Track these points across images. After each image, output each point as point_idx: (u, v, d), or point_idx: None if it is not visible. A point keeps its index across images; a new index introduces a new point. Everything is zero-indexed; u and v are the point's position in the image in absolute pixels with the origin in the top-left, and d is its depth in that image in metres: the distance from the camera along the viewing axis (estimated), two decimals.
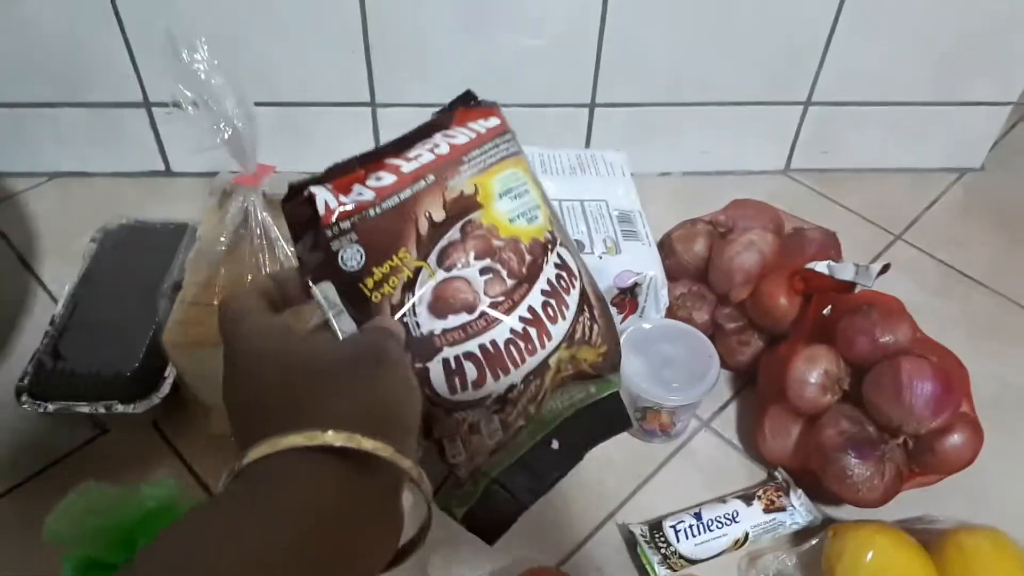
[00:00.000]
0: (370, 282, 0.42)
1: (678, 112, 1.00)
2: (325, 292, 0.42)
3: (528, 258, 0.46)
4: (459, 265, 0.44)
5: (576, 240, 0.78)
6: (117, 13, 0.86)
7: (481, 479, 0.46)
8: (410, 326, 0.42)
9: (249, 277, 0.66)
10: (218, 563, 0.29)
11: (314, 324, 0.42)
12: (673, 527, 0.67)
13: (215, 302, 0.66)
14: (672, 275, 0.81)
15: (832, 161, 1.07)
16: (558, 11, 0.90)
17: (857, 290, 0.71)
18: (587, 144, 1.02)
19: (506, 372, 0.44)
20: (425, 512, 0.38)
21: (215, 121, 0.60)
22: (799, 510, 0.69)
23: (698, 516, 0.68)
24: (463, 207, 0.45)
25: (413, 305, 0.42)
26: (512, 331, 0.45)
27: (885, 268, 0.69)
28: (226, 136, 0.61)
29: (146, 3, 0.86)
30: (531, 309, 0.46)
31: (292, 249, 0.46)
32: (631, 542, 0.68)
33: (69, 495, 0.51)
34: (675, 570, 0.66)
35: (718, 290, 0.80)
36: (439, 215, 0.44)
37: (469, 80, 0.93)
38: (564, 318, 0.47)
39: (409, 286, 0.42)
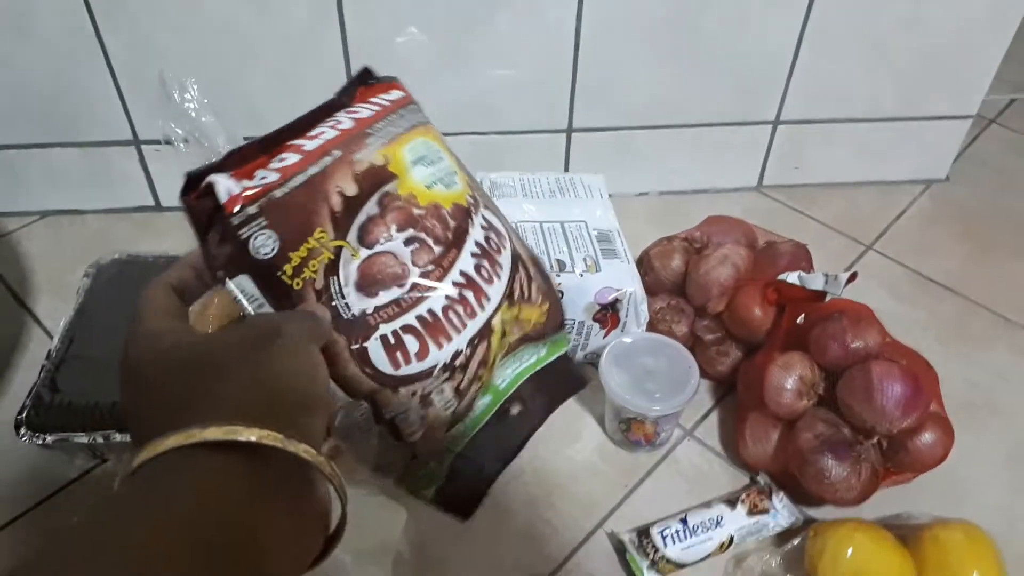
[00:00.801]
0: (288, 268, 0.39)
1: (653, 134, 1.03)
2: (242, 285, 0.40)
3: (452, 223, 0.45)
4: (382, 240, 0.42)
5: (558, 260, 0.81)
6: (106, 54, 0.89)
7: (446, 456, 0.46)
8: (339, 308, 0.40)
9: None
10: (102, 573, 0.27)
11: (227, 320, 0.41)
12: (660, 532, 0.69)
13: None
14: (651, 290, 0.84)
15: (803, 177, 1.11)
16: (532, 41, 0.94)
17: (828, 299, 0.74)
18: (566, 167, 1.06)
19: (448, 339, 0.43)
20: (339, 505, 0.35)
21: (206, 157, 0.63)
22: (781, 512, 0.72)
23: (684, 521, 0.70)
24: (376, 179, 0.43)
25: (340, 287, 0.40)
26: (448, 297, 0.43)
27: (852, 277, 0.72)
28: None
29: (134, 45, 0.89)
30: (463, 273, 0.44)
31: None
32: (620, 549, 0.70)
33: None
34: (663, 574, 0.68)
35: (695, 303, 0.83)
36: (352, 189, 0.42)
37: (448, 110, 0.98)
38: (499, 278, 0.46)
39: (332, 268, 0.40)
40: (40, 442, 0.71)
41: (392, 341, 0.42)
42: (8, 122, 0.94)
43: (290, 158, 0.42)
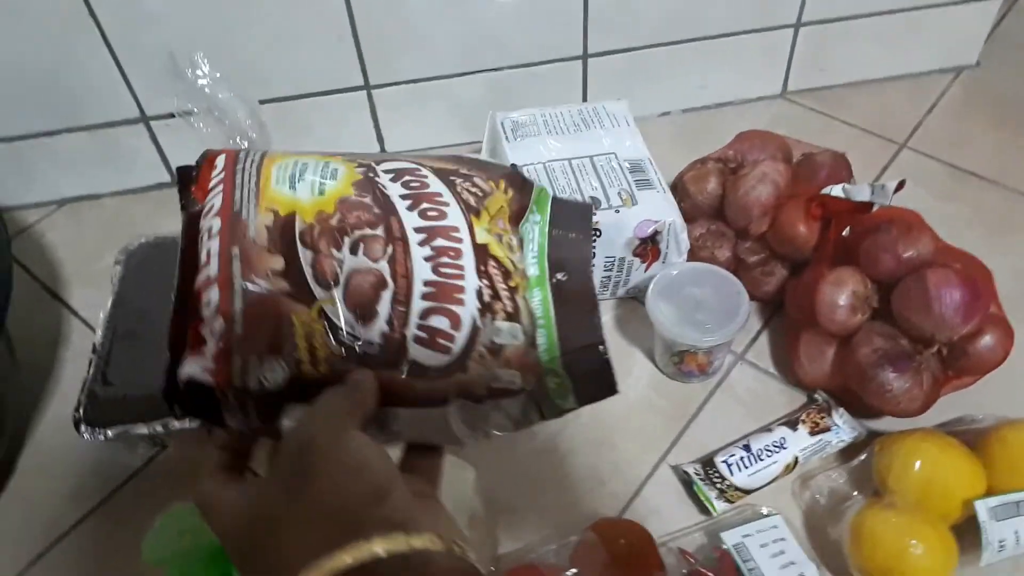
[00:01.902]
0: (305, 368, 0.38)
1: (671, 51, 0.99)
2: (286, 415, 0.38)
3: (367, 199, 0.42)
4: (338, 270, 0.40)
5: (591, 197, 0.79)
6: (101, 30, 0.86)
7: (551, 370, 0.43)
8: (366, 350, 0.39)
9: None
10: None
11: None
12: (725, 461, 0.70)
13: None
14: (688, 217, 0.82)
15: (828, 78, 1.07)
16: None
17: (874, 209, 0.72)
18: (584, 97, 1.02)
19: (460, 290, 0.41)
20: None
21: (229, 135, 0.61)
22: (843, 428, 0.72)
23: (747, 448, 0.70)
24: (283, 233, 0.40)
25: (349, 335, 0.39)
26: (425, 259, 0.41)
27: (900, 184, 0.70)
28: (242, 148, 0.61)
29: (129, 19, 0.85)
30: (417, 229, 0.42)
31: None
32: (686, 481, 0.71)
33: (159, 517, 0.53)
34: (732, 502, 0.69)
35: (736, 226, 0.81)
36: (278, 263, 0.39)
37: (458, 48, 0.94)
38: (445, 202, 0.43)
39: (333, 328, 0.39)
40: (102, 438, 0.71)
41: (426, 336, 0.40)
42: (10, 112, 0.92)
43: (212, 295, 0.39)
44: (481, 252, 0.42)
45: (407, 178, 0.44)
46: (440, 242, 0.41)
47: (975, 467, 0.65)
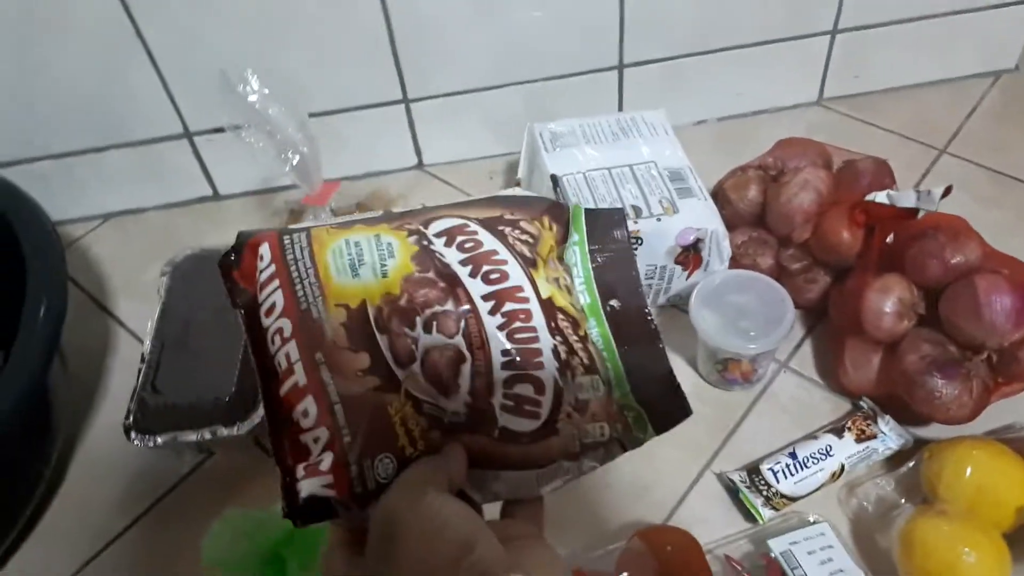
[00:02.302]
0: (410, 454, 0.38)
1: (707, 60, 1.00)
2: None
3: (428, 273, 0.42)
4: (413, 348, 0.40)
5: (632, 205, 0.79)
6: (148, 51, 0.88)
7: (628, 406, 0.43)
8: (454, 421, 0.39)
9: None
10: None
11: None
12: (771, 469, 0.69)
13: None
14: (730, 224, 0.82)
15: (865, 85, 1.06)
16: None
17: (920, 215, 0.71)
18: (619, 107, 1.03)
19: (539, 353, 0.41)
20: None
21: (280, 150, 0.62)
22: (890, 435, 0.71)
23: (793, 455, 0.70)
24: (357, 323, 0.40)
25: (436, 411, 0.39)
26: (499, 327, 0.41)
27: (948, 190, 0.70)
28: (293, 163, 0.62)
29: (174, 36, 0.87)
30: (484, 296, 0.42)
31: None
32: (731, 489, 0.70)
33: (216, 523, 0.54)
34: (778, 509, 0.68)
35: (778, 233, 0.81)
36: (364, 361, 0.39)
37: (493, 61, 0.95)
38: (503, 260, 0.43)
39: (418, 407, 0.39)
40: (151, 444, 0.72)
41: (512, 403, 0.40)
42: (59, 129, 0.94)
43: (308, 406, 0.39)
44: (548, 307, 0.42)
45: (459, 239, 0.43)
46: (509, 306, 0.41)
47: None
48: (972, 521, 0.62)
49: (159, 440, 0.72)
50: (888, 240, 0.75)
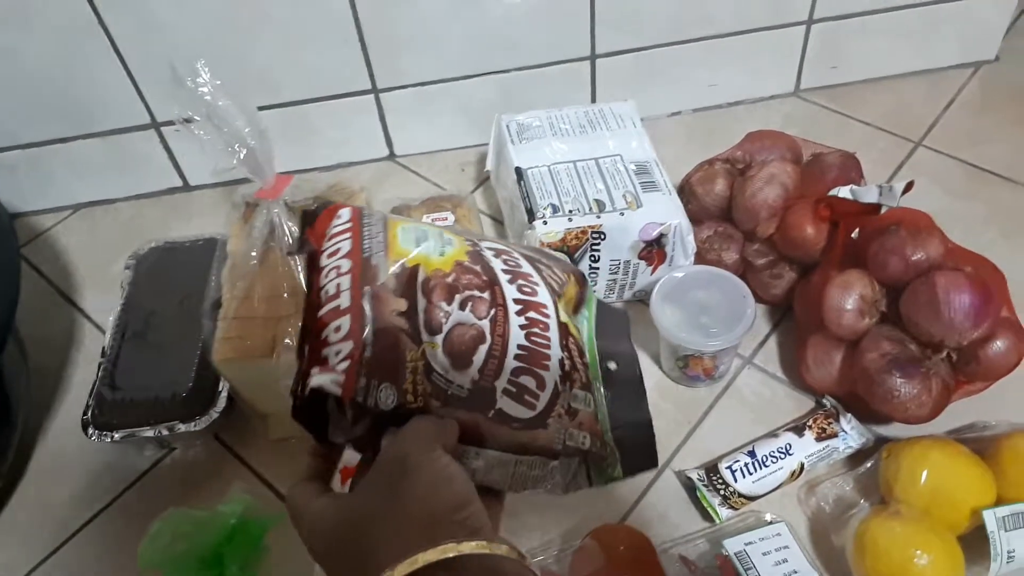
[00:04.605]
0: (409, 398, 0.42)
1: (681, 50, 0.98)
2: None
3: (476, 267, 0.48)
4: (444, 319, 0.45)
5: (595, 199, 0.78)
6: (112, 42, 0.87)
7: (607, 442, 0.48)
8: (455, 393, 0.43)
9: (284, 285, 0.68)
10: None
11: None
12: (729, 467, 0.69)
13: (256, 314, 0.68)
14: (696, 219, 0.81)
15: (842, 76, 1.05)
16: None
17: (883, 211, 0.70)
18: (592, 98, 1.02)
19: (547, 358, 0.46)
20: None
21: (228, 143, 0.61)
22: (851, 434, 0.70)
23: (752, 454, 0.70)
24: (407, 281, 0.46)
25: (442, 377, 0.43)
26: (520, 327, 0.47)
27: (909, 186, 0.69)
28: (241, 156, 0.62)
29: (137, 25, 0.86)
30: (516, 300, 0.48)
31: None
32: (690, 487, 0.70)
33: (155, 523, 0.53)
34: (736, 508, 0.68)
35: (744, 228, 0.80)
36: (402, 305, 0.45)
37: (465, 50, 0.94)
38: (536, 283, 0.49)
39: (428, 369, 0.43)
40: (109, 440, 0.72)
41: (514, 391, 0.44)
42: (25, 118, 0.93)
43: (343, 322, 0.44)
44: (563, 329, 0.49)
45: (504, 257, 0.50)
46: (533, 315, 0.48)
47: (985, 476, 0.63)
48: (926, 523, 0.61)
49: (116, 436, 0.72)
50: (853, 236, 0.75)
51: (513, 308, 0.47)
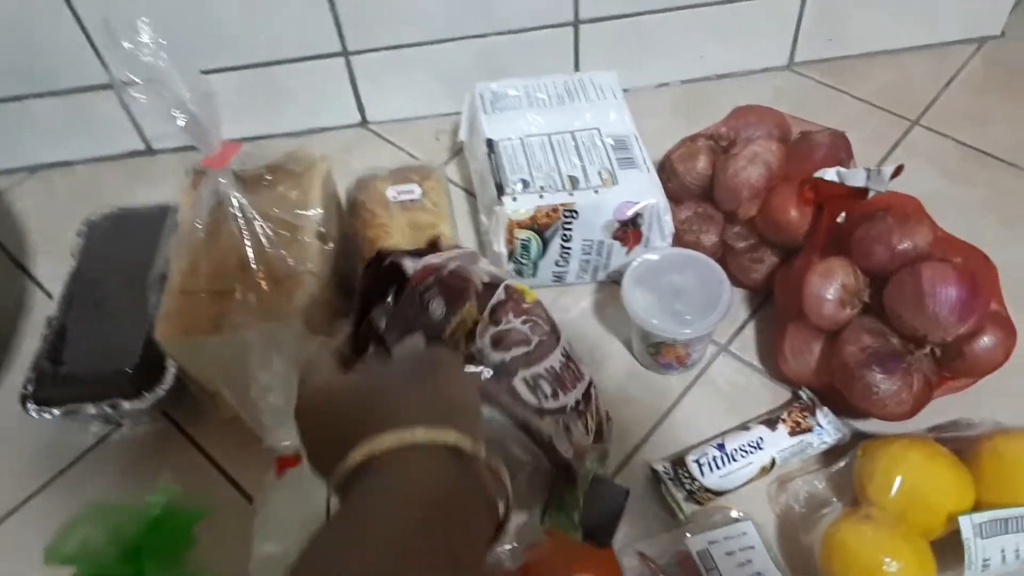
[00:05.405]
0: (448, 328, 0.51)
1: (669, 18, 0.93)
2: (415, 342, 0.50)
3: (548, 317, 0.58)
4: (505, 320, 0.54)
5: (569, 176, 0.74)
6: None
7: (582, 484, 0.58)
8: (477, 359, 0.52)
9: (233, 259, 0.64)
10: (363, 549, 0.33)
11: None
12: (697, 461, 0.66)
13: (201, 289, 0.65)
14: (676, 197, 0.77)
15: (839, 49, 1.00)
16: None
17: (870, 195, 0.66)
18: (576, 66, 0.97)
19: (570, 389, 0.57)
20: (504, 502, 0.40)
21: (168, 108, 0.57)
22: (826, 429, 0.67)
23: (721, 447, 0.66)
24: (495, 276, 0.57)
25: (477, 350, 0.52)
26: (560, 361, 0.57)
27: (898, 170, 0.65)
28: (182, 122, 0.57)
29: None
30: (563, 353, 0.58)
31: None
32: (656, 480, 0.67)
33: (71, 517, 0.50)
34: (702, 504, 0.65)
35: (725, 208, 0.76)
36: (487, 278, 0.55)
37: (442, 12, 0.89)
38: (578, 379, 0.59)
39: (471, 335, 0.52)
40: (49, 416, 0.69)
41: (531, 383, 0.54)
42: None
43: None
44: (589, 395, 0.60)
45: (569, 353, 0.60)
46: (573, 369, 0.58)
47: (963, 479, 0.60)
48: (899, 527, 0.58)
49: (56, 412, 0.69)
50: (840, 220, 0.71)
51: (560, 349, 0.57)
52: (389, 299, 0.52)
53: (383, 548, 0.33)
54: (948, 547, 0.58)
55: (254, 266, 0.64)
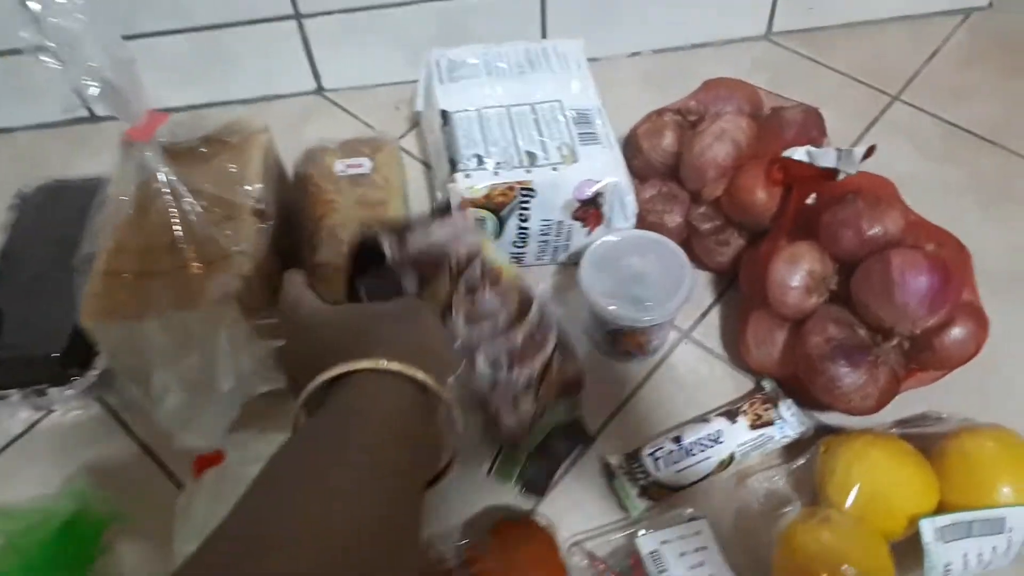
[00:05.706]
0: (436, 287, 0.53)
1: None
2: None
3: (527, 291, 0.57)
4: (477, 296, 0.54)
5: (527, 151, 0.70)
6: None
7: (523, 449, 0.61)
8: (454, 330, 0.52)
9: (162, 239, 0.60)
10: (328, 459, 0.37)
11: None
12: (651, 455, 0.63)
13: (128, 269, 0.61)
14: (641, 176, 0.74)
15: (819, 18, 0.96)
16: None
17: (840, 177, 0.63)
18: (543, 32, 0.92)
19: (531, 361, 0.56)
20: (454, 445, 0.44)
21: (76, 76, 0.52)
22: (789, 422, 0.64)
23: (678, 440, 0.63)
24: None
25: (452, 322, 0.52)
26: (524, 337, 0.55)
27: (870, 151, 0.61)
28: (95, 92, 0.53)
29: None
30: (532, 323, 0.56)
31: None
32: (610, 474, 0.64)
33: None
34: (656, 500, 0.62)
35: (690, 187, 0.72)
36: (464, 252, 0.55)
37: None
38: (546, 342, 0.58)
39: (447, 310, 0.53)
40: None
41: (491, 357, 0.54)
42: None
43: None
44: (551, 362, 0.58)
45: (545, 314, 0.59)
46: (539, 335, 0.57)
47: (927, 479, 0.57)
48: (858, 530, 0.55)
49: None
50: (809, 202, 0.67)
51: (527, 325, 0.56)
52: (370, 276, 0.53)
53: (357, 456, 0.37)
54: (910, 550, 0.56)
55: (183, 246, 0.60)
